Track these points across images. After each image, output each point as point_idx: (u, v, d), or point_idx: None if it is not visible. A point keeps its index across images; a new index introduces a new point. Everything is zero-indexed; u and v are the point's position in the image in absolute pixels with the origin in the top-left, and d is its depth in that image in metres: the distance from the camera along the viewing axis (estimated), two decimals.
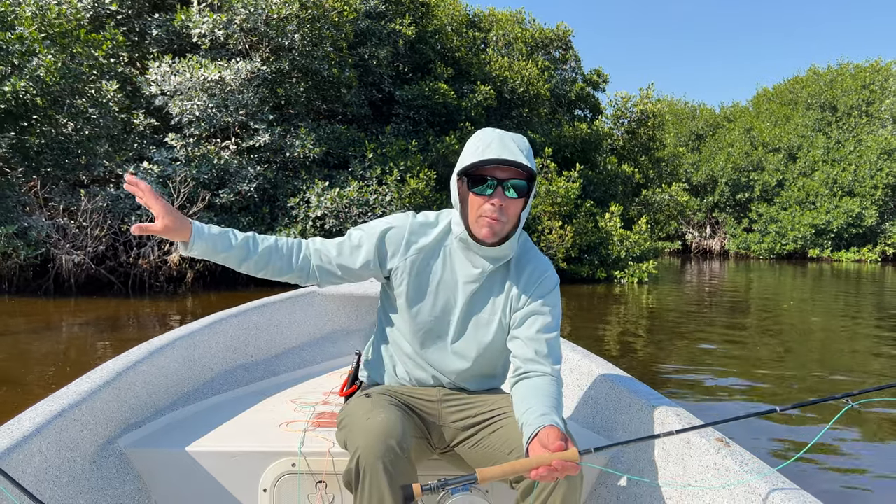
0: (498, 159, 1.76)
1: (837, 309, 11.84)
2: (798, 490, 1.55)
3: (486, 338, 1.95)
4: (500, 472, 1.49)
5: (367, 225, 1.99)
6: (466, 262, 1.93)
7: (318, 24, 13.86)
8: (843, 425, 4.68)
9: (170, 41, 14.49)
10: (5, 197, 11.15)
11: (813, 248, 34.61)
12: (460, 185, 1.87)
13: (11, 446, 1.65)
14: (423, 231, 1.96)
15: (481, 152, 1.80)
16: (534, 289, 1.93)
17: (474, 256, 1.92)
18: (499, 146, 1.79)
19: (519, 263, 1.97)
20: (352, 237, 1.98)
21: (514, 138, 1.84)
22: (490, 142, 1.81)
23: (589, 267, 17.10)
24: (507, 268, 1.96)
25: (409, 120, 16.80)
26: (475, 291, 1.94)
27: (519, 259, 1.97)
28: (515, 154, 1.79)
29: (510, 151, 1.78)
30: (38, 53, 10.47)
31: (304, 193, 13.74)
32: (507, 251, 1.91)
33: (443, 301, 1.95)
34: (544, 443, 1.53)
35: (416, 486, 1.47)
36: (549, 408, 1.69)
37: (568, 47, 22.64)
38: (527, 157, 1.82)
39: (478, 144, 1.83)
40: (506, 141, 1.82)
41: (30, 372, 5.68)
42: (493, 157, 1.76)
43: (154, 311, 9.60)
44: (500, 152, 1.77)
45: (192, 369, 2.70)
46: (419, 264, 1.94)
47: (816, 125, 37.58)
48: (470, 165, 1.80)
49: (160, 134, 14.11)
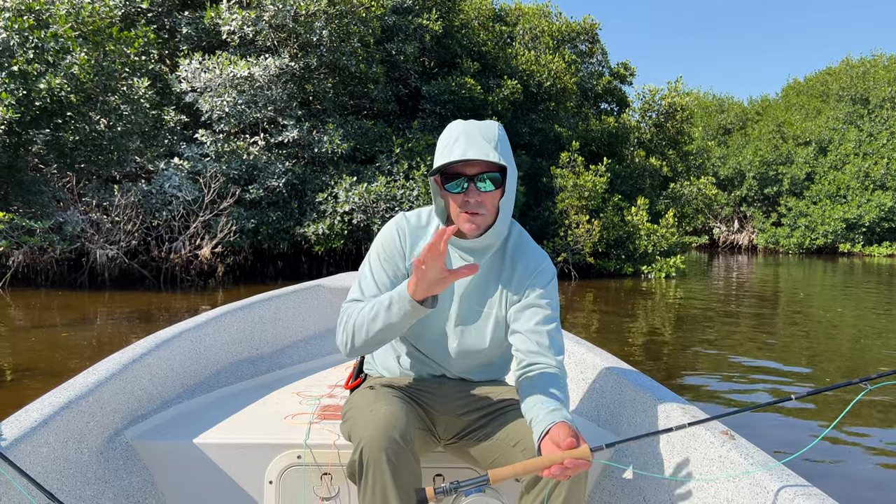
0: (463, 159, 1.72)
1: (868, 304, 11.66)
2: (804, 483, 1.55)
3: (483, 333, 1.95)
4: (511, 472, 1.49)
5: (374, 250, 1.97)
6: (457, 259, 1.92)
7: (345, 19, 13.91)
8: (857, 416, 4.62)
9: (199, 38, 14.64)
10: (41, 192, 11.37)
11: (844, 242, 34.01)
12: (437, 184, 1.87)
13: (19, 437, 1.67)
14: (420, 231, 1.96)
15: (449, 151, 1.76)
16: (530, 281, 1.92)
17: (464, 251, 1.91)
18: (465, 142, 1.75)
19: (513, 257, 1.95)
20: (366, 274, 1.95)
21: (481, 129, 1.78)
22: (456, 137, 1.77)
23: (616, 262, 17.00)
24: (502, 262, 1.95)
25: (436, 115, 16.81)
26: (469, 286, 1.93)
27: (513, 253, 1.96)
28: (481, 149, 1.74)
29: (476, 148, 1.74)
30: (72, 51, 10.63)
31: (332, 189, 13.82)
32: (490, 240, 1.88)
33: (441, 297, 1.94)
34: (556, 440, 1.53)
35: (430, 489, 1.48)
36: (557, 403, 1.68)
37: (595, 40, 22.46)
38: (495, 147, 1.77)
39: (445, 142, 1.80)
40: (472, 135, 1.76)
41: (66, 363, 5.80)
42: (458, 158, 1.72)
43: (185, 305, 9.74)
44: (466, 150, 1.73)
45: (199, 362, 2.71)
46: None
47: (848, 118, 36.89)
48: (439, 166, 1.77)
49: (190, 130, 14.27)
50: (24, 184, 11.20)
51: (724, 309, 10.77)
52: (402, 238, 1.94)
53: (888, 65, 37.46)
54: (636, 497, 2.03)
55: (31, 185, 11.32)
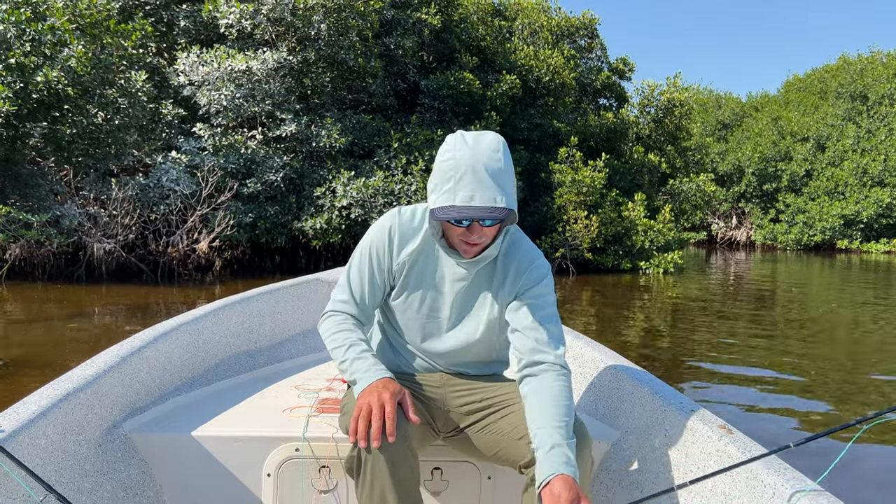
0: (469, 207, 1.64)
1: (866, 301, 11.68)
2: (800, 476, 1.55)
3: (477, 332, 1.95)
4: None
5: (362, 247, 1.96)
6: (451, 267, 1.91)
7: (344, 13, 13.88)
8: (857, 414, 4.62)
9: (197, 32, 14.61)
10: (38, 186, 11.34)
11: (841, 239, 34.07)
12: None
13: (17, 429, 1.67)
14: (411, 232, 1.94)
15: (452, 192, 1.66)
16: (524, 279, 1.91)
17: (456, 262, 1.90)
18: (472, 184, 1.64)
19: (506, 257, 1.94)
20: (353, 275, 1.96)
21: (487, 164, 1.65)
22: (461, 174, 1.65)
23: (614, 257, 17.01)
24: (495, 262, 1.94)
25: (435, 110, 16.79)
26: (464, 288, 1.92)
27: (506, 252, 1.94)
28: (489, 194, 1.64)
29: (483, 193, 1.64)
30: (70, 44, 10.60)
31: (330, 183, 13.80)
32: (489, 255, 1.87)
33: (433, 299, 1.94)
34: (556, 497, 1.52)
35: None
36: (561, 432, 1.65)
37: (594, 35, 22.43)
38: (503, 188, 1.66)
39: (449, 174, 1.68)
40: (480, 175, 1.64)
41: (62, 356, 5.80)
42: (463, 204, 1.64)
43: (182, 299, 9.73)
44: (473, 194, 1.64)
45: (197, 355, 2.71)
46: (409, 264, 1.93)
47: (846, 114, 36.91)
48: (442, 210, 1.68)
49: (188, 124, 14.25)
50: (20, 177, 11.17)
51: (720, 305, 10.78)
52: (391, 239, 1.93)
53: (886, 62, 37.47)
54: (633, 491, 2.03)
55: (28, 178, 11.29)
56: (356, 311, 1.95)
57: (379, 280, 1.95)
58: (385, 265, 1.94)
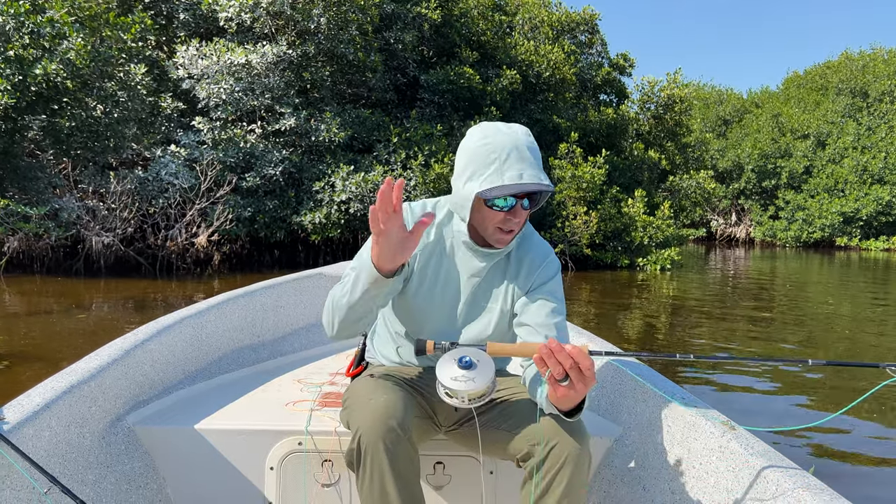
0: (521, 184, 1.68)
1: (864, 297, 11.68)
2: (803, 473, 1.55)
3: (488, 327, 1.95)
4: (509, 350, 1.56)
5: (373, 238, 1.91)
6: (470, 258, 1.92)
7: (343, 7, 13.84)
8: (856, 412, 4.63)
9: (197, 25, 14.57)
10: (37, 179, 11.33)
11: (841, 236, 34.06)
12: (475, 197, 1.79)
13: (22, 421, 1.68)
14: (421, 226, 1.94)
15: (500, 171, 1.70)
16: (536, 275, 1.92)
17: (478, 254, 1.90)
18: (518, 163, 1.70)
19: (519, 251, 1.95)
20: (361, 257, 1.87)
21: (528, 146, 1.73)
22: (507, 154, 1.70)
23: (612, 253, 17.01)
24: (508, 256, 1.95)
25: (434, 104, 16.76)
26: (478, 283, 1.93)
27: (519, 246, 1.96)
28: (535, 173, 1.70)
29: (531, 171, 1.70)
30: (69, 36, 10.57)
31: (329, 177, 13.79)
32: (510, 247, 1.91)
33: (446, 294, 1.94)
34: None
35: (430, 342, 1.61)
36: None
37: (594, 31, 22.38)
38: (541, 167, 1.73)
39: (490, 160, 1.72)
40: (523, 154, 1.71)
41: (61, 350, 5.79)
42: (513, 182, 1.68)
43: (181, 293, 9.73)
44: (521, 173, 1.69)
45: (200, 348, 2.73)
46: (422, 259, 1.93)
47: (847, 111, 36.87)
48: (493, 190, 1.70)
49: (187, 117, 14.22)
50: (19, 170, 11.16)
51: (719, 301, 10.78)
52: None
53: (887, 58, 37.41)
54: (636, 487, 2.03)
55: (27, 171, 11.27)
56: None
57: None
58: None
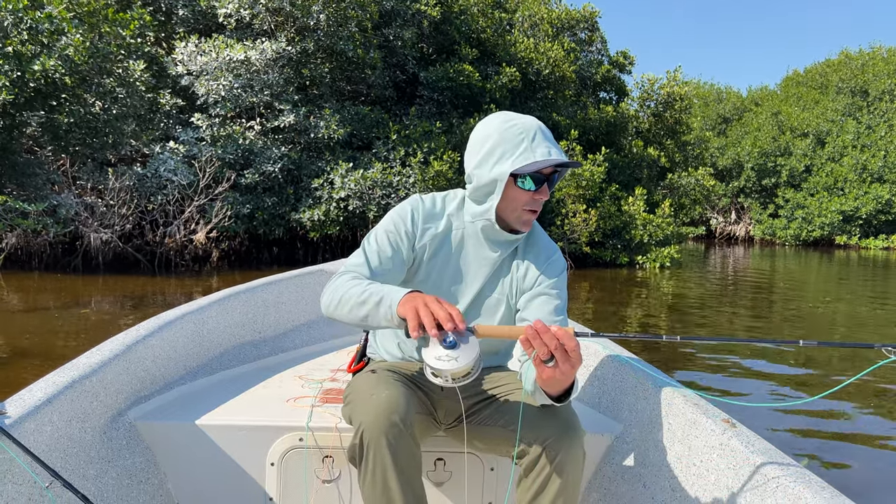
0: (552, 160, 1.75)
1: (864, 295, 11.68)
2: (804, 471, 1.55)
3: (494, 321, 1.96)
4: (496, 332, 1.57)
5: (384, 224, 1.93)
6: (482, 248, 1.92)
7: (343, 3, 13.82)
8: (859, 412, 4.63)
9: (196, 21, 14.55)
10: (35, 175, 11.31)
11: (840, 234, 34.08)
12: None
13: (23, 415, 1.68)
14: (434, 217, 1.95)
15: (530, 150, 1.76)
16: (542, 271, 1.93)
17: (492, 243, 1.91)
18: (544, 142, 1.77)
19: (526, 245, 1.97)
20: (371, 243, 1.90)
21: (545, 128, 1.83)
22: (533, 136, 1.77)
23: (612, 251, 17.01)
24: (515, 251, 1.96)
25: (434, 102, 16.74)
26: (487, 276, 1.94)
27: (526, 241, 1.98)
28: (559, 150, 1.79)
29: (556, 149, 1.78)
30: (67, 32, 10.54)
31: (328, 174, 13.77)
32: (520, 241, 1.93)
33: (454, 287, 1.95)
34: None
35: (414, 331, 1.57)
36: None
37: (594, 28, 22.36)
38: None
39: (519, 139, 1.78)
40: (546, 134, 1.80)
41: (59, 346, 5.78)
42: (544, 158, 1.74)
43: (180, 290, 9.72)
44: (549, 150, 1.76)
45: (202, 344, 2.73)
46: (431, 251, 1.94)
47: (846, 110, 36.87)
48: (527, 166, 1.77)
49: (186, 114, 14.20)
50: (17, 166, 11.14)
51: (717, 298, 10.78)
52: (416, 219, 1.92)
53: (887, 57, 37.40)
54: (636, 484, 2.03)
55: (25, 167, 11.25)
56: (369, 276, 1.86)
57: (402, 254, 1.90)
58: (406, 243, 1.91)
